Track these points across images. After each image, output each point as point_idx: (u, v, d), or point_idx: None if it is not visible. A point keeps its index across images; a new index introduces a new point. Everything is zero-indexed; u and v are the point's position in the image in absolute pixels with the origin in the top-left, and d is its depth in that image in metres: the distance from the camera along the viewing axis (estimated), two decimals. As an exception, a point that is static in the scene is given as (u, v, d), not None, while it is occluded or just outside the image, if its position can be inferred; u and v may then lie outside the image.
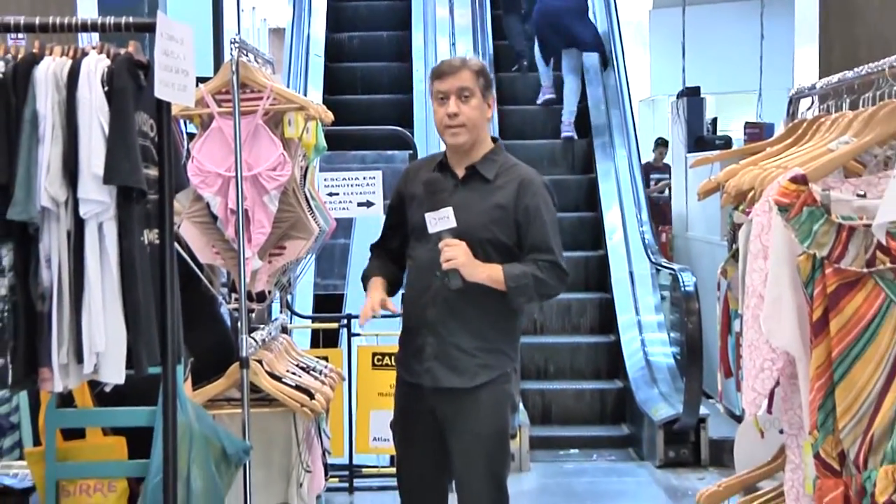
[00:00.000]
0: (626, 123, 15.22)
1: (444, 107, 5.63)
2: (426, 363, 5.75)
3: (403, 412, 6.07)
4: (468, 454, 5.80)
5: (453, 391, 5.72)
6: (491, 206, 5.74)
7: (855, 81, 4.49)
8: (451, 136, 5.70)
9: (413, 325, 5.89)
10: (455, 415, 5.77)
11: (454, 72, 5.63)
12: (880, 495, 3.84)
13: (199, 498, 5.88)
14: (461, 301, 5.65)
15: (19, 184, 5.17)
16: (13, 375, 5.25)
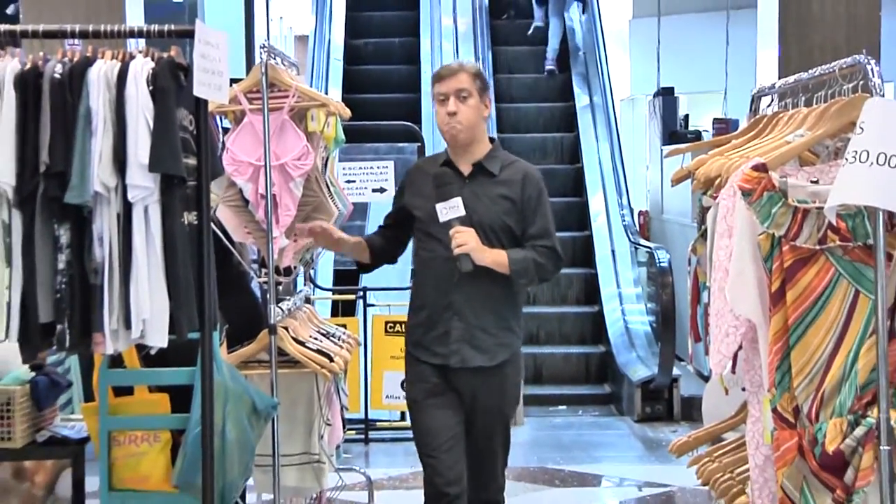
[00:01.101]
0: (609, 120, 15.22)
1: (445, 106, 5.56)
2: (453, 345, 5.60)
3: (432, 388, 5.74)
4: (491, 426, 5.76)
5: (480, 370, 5.61)
6: (499, 197, 5.65)
7: (809, 82, 4.49)
8: (450, 133, 5.63)
9: (436, 311, 5.68)
10: (480, 391, 5.67)
11: (452, 74, 5.57)
12: (829, 444, 3.84)
13: (232, 447, 5.89)
14: (482, 285, 5.54)
15: (75, 171, 5.19)
16: (70, 340, 5.28)
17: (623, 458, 9.83)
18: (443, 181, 5.52)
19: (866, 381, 3.89)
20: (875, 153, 3.67)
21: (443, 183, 5.51)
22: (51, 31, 5.64)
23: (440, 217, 5.43)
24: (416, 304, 5.84)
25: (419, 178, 5.83)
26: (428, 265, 5.74)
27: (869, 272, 3.88)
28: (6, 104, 5.27)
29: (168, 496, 6.12)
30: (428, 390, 5.68)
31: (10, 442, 5.99)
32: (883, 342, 3.86)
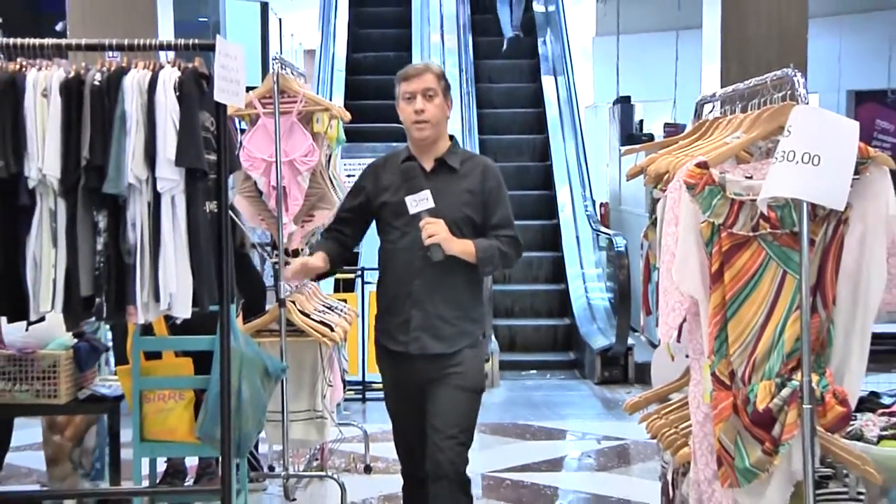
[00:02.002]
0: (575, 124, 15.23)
1: (411, 105, 5.15)
2: (413, 333, 5.14)
3: (395, 380, 5.40)
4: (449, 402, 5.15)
5: (438, 356, 5.14)
6: (462, 190, 5.20)
7: (745, 91, 4.50)
8: (417, 131, 5.19)
9: (398, 301, 5.22)
10: (440, 374, 5.16)
11: (419, 74, 5.16)
12: (760, 403, 3.86)
13: (247, 405, 5.91)
14: (442, 275, 5.07)
15: (112, 166, 5.22)
16: (107, 311, 5.32)
17: (585, 416, 9.85)
18: (411, 175, 5.16)
19: (792, 350, 3.91)
20: (801, 153, 3.69)
21: (411, 177, 5.14)
22: (92, 44, 5.67)
23: (410, 209, 5.05)
24: (380, 292, 5.44)
25: (382, 174, 5.37)
26: (391, 256, 5.28)
27: (795, 255, 3.90)
28: (53, 108, 5.30)
29: (191, 446, 6.18)
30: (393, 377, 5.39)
31: (55, 399, 6.01)
32: (806, 316, 3.88)
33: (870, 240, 3.92)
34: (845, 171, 3.74)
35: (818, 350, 3.96)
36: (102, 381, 6.50)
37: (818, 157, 3.69)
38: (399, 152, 5.42)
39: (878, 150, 4.01)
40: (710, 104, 5.07)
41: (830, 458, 4.19)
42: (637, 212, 13.02)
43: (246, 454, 6.35)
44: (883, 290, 3.93)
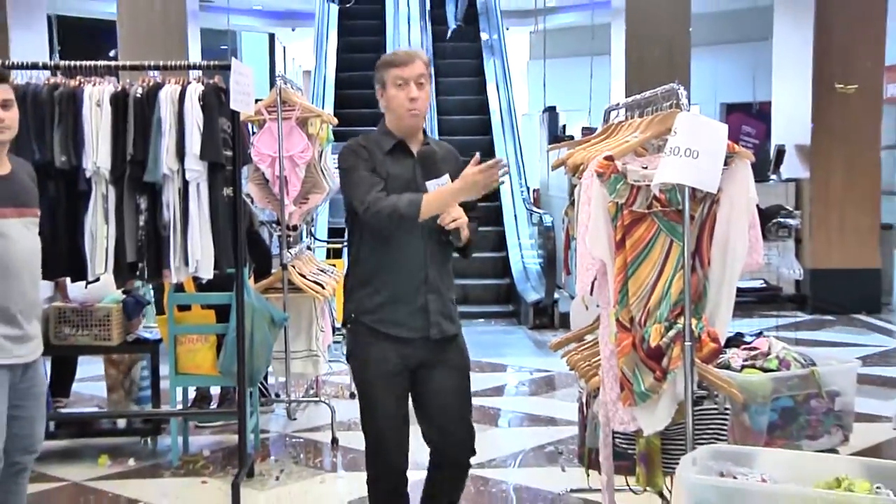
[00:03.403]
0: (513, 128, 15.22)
1: (404, 91, 3.97)
2: (434, 318, 4.01)
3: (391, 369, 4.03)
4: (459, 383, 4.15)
5: (450, 338, 4.12)
6: (449, 171, 4.02)
7: (642, 101, 4.51)
8: (411, 118, 4.01)
9: (409, 288, 4.00)
10: (444, 355, 4.09)
11: (411, 61, 3.99)
12: (652, 341, 3.87)
13: (258, 346, 5.94)
14: (445, 258, 4.11)
15: (150, 160, 5.32)
16: (148, 273, 5.49)
17: (520, 353, 9.87)
18: (431, 160, 4.03)
19: (677, 300, 3.93)
20: (684, 149, 3.70)
21: (432, 162, 4.02)
22: (135, 65, 5.81)
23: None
24: (377, 283, 4.02)
25: (376, 159, 4.04)
26: (397, 243, 3.98)
27: (679, 228, 3.91)
28: (104, 115, 5.39)
29: (214, 378, 6.27)
30: (386, 371, 4.01)
31: (109, 341, 6.08)
32: (687, 274, 3.90)
33: (735, 216, 3.94)
34: (717, 163, 3.76)
35: (696, 300, 3.99)
36: (146, 328, 6.54)
37: (697, 151, 3.71)
38: (374, 138, 4.14)
39: (743, 148, 4.06)
40: (616, 111, 5.08)
41: (705, 382, 4.22)
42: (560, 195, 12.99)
43: (257, 384, 6.39)
44: (745, 255, 3.96)
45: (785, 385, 5.64)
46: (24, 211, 3.86)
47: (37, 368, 3.94)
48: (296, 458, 6.34)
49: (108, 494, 5.63)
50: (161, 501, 5.52)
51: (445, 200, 3.85)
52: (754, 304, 11.58)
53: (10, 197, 3.80)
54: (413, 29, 15.86)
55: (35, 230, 3.95)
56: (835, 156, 11.32)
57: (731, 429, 4.58)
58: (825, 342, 9.67)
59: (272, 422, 7.15)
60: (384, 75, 4.02)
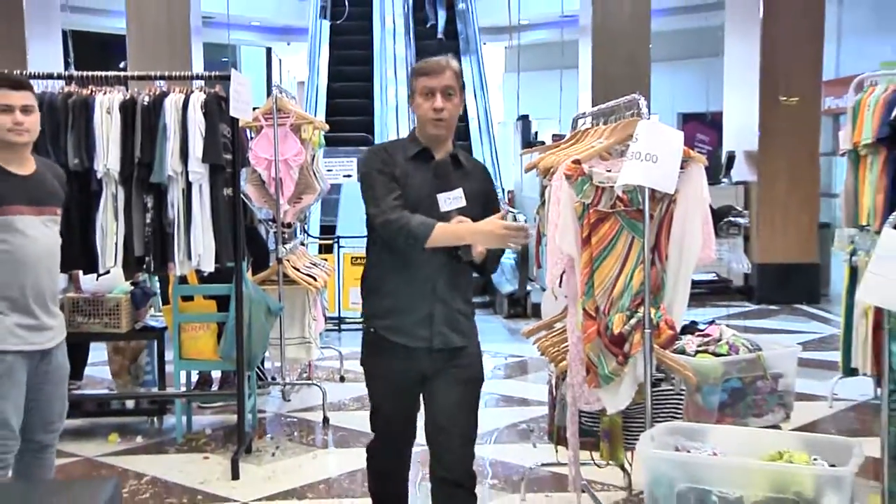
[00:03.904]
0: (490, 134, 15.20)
1: (430, 101, 3.57)
2: (437, 328, 3.58)
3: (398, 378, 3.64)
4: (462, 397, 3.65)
5: (458, 349, 3.64)
6: (472, 190, 3.62)
7: (606, 110, 4.51)
8: (434, 128, 3.58)
9: (417, 297, 3.58)
10: (452, 367, 3.62)
11: (441, 71, 3.58)
12: (615, 329, 3.88)
13: (255, 334, 5.92)
14: (459, 271, 3.61)
15: (156, 162, 5.31)
16: (154, 266, 5.46)
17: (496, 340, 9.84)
18: (445, 172, 3.60)
19: (637, 291, 3.94)
20: (644, 153, 3.70)
21: (446, 173, 3.59)
22: (142, 76, 5.74)
23: (442, 206, 3.50)
24: (386, 288, 3.66)
25: (395, 165, 3.62)
26: (409, 252, 3.53)
27: (640, 225, 3.92)
28: (114, 121, 5.38)
29: (215, 363, 6.21)
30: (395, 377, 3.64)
31: (118, 329, 6.05)
32: (647, 267, 3.91)
33: (690, 215, 3.95)
34: (674, 167, 3.77)
35: (655, 292, 4.00)
36: (152, 317, 6.52)
37: (656, 156, 3.71)
38: (401, 143, 3.76)
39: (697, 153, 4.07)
40: (583, 119, 5.08)
41: (663, 366, 4.23)
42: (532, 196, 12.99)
43: (255, 368, 6.36)
44: (699, 250, 3.97)
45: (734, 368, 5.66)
46: (43, 209, 3.83)
47: (56, 354, 3.92)
48: (290, 435, 6.32)
49: (118, 469, 5.61)
50: (166, 475, 5.49)
51: (458, 236, 3.45)
52: (707, 295, 11.62)
53: (30, 196, 3.78)
54: (398, 44, 15.83)
55: (55, 228, 3.93)
56: (779, 161, 11.36)
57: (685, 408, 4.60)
58: (770, 329, 9.71)
59: (268, 403, 7.12)
60: (414, 83, 3.63)
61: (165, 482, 5.38)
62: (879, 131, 6.37)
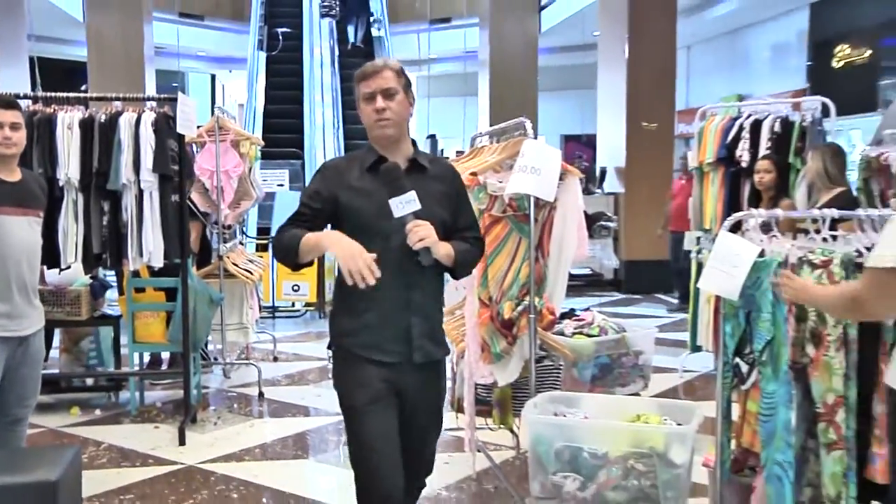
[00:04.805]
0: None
1: (371, 104, 2.88)
2: (417, 341, 2.86)
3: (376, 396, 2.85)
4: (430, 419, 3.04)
5: (434, 362, 2.96)
6: (437, 192, 2.93)
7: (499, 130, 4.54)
8: (379, 129, 2.87)
9: (393, 311, 2.84)
10: (426, 385, 2.94)
11: (377, 73, 2.89)
12: (506, 315, 3.90)
13: (200, 320, 5.83)
14: (432, 279, 2.92)
15: (112, 171, 5.23)
16: (110, 262, 5.38)
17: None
18: (394, 176, 2.81)
19: (524, 283, 3.97)
20: (529, 167, 3.73)
21: (394, 178, 2.80)
22: (100, 97, 5.62)
23: (395, 212, 2.77)
24: (358, 306, 2.86)
25: (348, 177, 2.91)
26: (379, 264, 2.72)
27: (526, 227, 3.95)
28: (75, 136, 5.28)
29: (164, 345, 6.12)
30: (372, 395, 2.86)
31: (79, 317, 5.89)
32: (532, 263, 3.94)
33: (568, 219, 4.00)
34: (554, 178, 3.80)
35: (539, 283, 4.03)
36: (109, 306, 6.38)
37: (539, 169, 3.74)
38: (360, 154, 3.03)
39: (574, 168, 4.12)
40: (480, 138, 5.09)
41: (545, 345, 4.27)
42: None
43: (199, 350, 6.25)
44: (575, 248, 4.02)
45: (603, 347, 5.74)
46: (27, 211, 3.78)
47: (34, 341, 3.84)
48: (230, 407, 6.24)
49: (80, 437, 5.48)
50: (122, 442, 5.38)
51: (319, 246, 2.78)
52: (583, 286, 11.77)
53: (16, 199, 3.72)
54: (325, 73, 15.69)
55: (37, 228, 3.87)
56: (642, 175, 11.58)
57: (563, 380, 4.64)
58: (634, 315, 9.88)
59: (211, 380, 7.02)
60: (357, 91, 2.94)
61: (121, 448, 5.27)
62: (718, 152, 6.57)
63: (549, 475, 3.14)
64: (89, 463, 4.96)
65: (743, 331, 3.30)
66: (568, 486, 3.11)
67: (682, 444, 3.07)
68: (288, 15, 17.53)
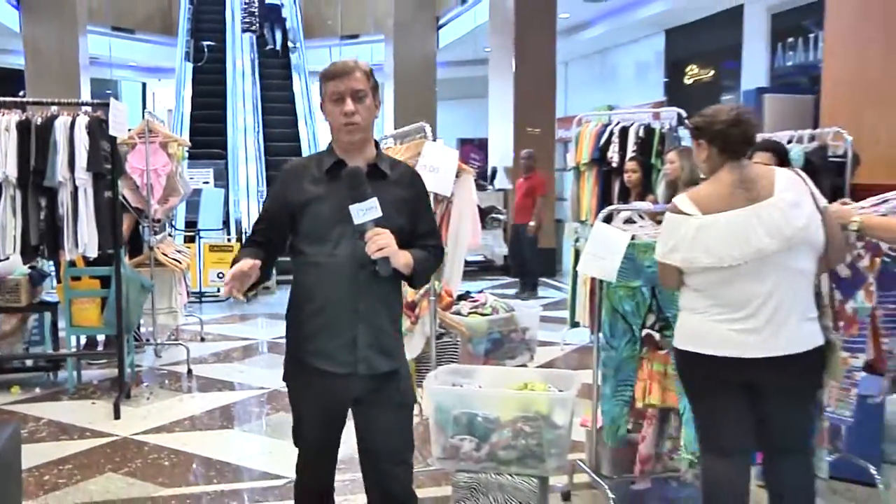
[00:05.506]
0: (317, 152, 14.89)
1: (340, 106, 2.44)
2: (362, 352, 2.44)
3: (322, 404, 2.52)
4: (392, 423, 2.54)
5: (386, 374, 2.50)
6: (397, 198, 2.47)
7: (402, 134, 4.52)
8: (347, 135, 2.45)
9: (339, 319, 2.44)
10: (381, 393, 2.51)
11: (348, 73, 2.45)
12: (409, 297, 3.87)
13: (132, 305, 5.67)
14: (384, 288, 2.46)
15: (49, 169, 5.05)
16: (48, 253, 5.25)
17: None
18: (357, 182, 2.37)
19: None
20: (429, 166, 3.73)
21: (358, 183, 2.37)
22: (36, 101, 5.41)
23: (355, 219, 2.34)
24: (307, 310, 2.49)
25: (304, 180, 2.50)
26: (323, 270, 2.44)
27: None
28: (12, 137, 5.07)
29: (100, 329, 5.92)
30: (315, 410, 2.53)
31: (19, 303, 5.70)
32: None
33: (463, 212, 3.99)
34: (451, 176, 3.81)
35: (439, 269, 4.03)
36: (48, 293, 6.13)
37: (437, 168, 3.74)
38: (317, 157, 2.59)
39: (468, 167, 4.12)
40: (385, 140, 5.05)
41: (444, 324, 4.28)
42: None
43: (132, 332, 6.07)
44: (470, 238, 4.02)
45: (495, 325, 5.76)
46: None
47: None
48: (161, 384, 6.06)
49: (20, 414, 5.25)
50: (60, 417, 5.17)
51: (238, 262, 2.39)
52: (477, 271, 11.84)
53: None
54: (246, 82, 15.34)
55: None
56: (528, 174, 11.73)
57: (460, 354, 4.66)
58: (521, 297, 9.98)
59: (143, 359, 6.81)
60: (323, 89, 2.51)
61: (60, 423, 5.07)
62: (592, 154, 6.69)
63: (449, 438, 3.14)
64: (30, 437, 4.77)
65: (648, 305, 3.39)
66: (465, 447, 3.12)
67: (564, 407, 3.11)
68: (212, 30, 17.16)
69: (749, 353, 2.62)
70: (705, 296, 2.70)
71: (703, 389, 2.77)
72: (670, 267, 2.75)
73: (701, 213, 2.65)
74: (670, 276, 2.80)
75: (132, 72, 19.93)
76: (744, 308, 2.64)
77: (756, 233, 2.58)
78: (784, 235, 2.59)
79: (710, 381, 2.72)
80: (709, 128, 2.74)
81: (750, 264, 2.60)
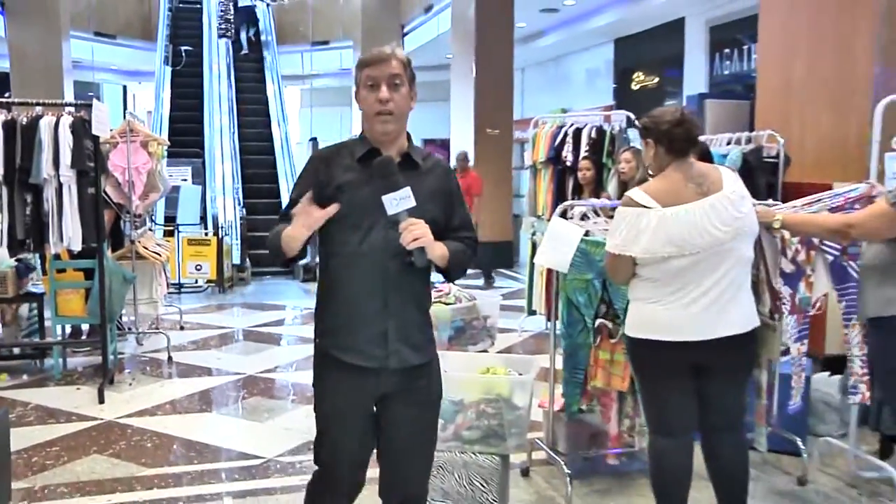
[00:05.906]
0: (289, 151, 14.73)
1: (375, 93, 2.17)
2: (392, 346, 2.17)
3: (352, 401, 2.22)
4: (421, 420, 2.27)
5: (416, 368, 2.22)
6: (429, 189, 2.20)
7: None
8: (381, 124, 2.18)
9: (368, 312, 2.17)
10: (408, 388, 2.22)
11: (385, 59, 2.19)
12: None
13: (115, 296, 5.59)
14: (414, 280, 2.20)
15: (34, 167, 4.95)
16: (33, 246, 5.13)
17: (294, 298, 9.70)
18: (388, 171, 2.11)
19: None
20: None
21: (389, 172, 2.11)
22: (22, 102, 5.29)
23: (388, 209, 2.08)
24: (335, 303, 2.23)
25: (335, 168, 2.21)
26: (352, 261, 2.18)
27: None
28: None
29: (84, 318, 5.84)
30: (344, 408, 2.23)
31: (6, 295, 5.59)
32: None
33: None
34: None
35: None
36: (34, 285, 5.99)
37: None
38: (349, 144, 2.30)
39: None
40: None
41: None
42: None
43: (115, 321, 5.96)
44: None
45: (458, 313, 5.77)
46: None
47: None
48: (143, 370, 5.97)
49: (8, 399, 5.14)
50: (47, 402, 5.08)
51: (298, 238, 2.14)
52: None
53: None
54: (222, 85, 15.14)
55: None
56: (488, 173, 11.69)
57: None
58: (483, 286, 10.02)
59: (126, 346, 6.70)
60: (358, 76, 2.24)
61: (46, 407, 4.98)
62: (548, 153, 6.71)
63: (416, 418, 3.13)
64: (18, 421, 4.67)
65: (600, 297, 3.41)
66: (431, 426, 3.11)
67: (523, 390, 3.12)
68: (190, 35, 16.95)
69: (701, 336, 2.64)
70: (660, 284, 2.70)
71: (653, 374, 2.78)
72: (624, 258, 2.72)
73: (661, 206, 2.65)
74: (623, 269, 2.76)
75: (114, 75, 19.62)
76: (697, 293, 2.66)
77: (713, 223, 2.62)
78: (735, 225, 2.63)
79: (661, 366, 2.74)
80: (656, 128, 2.76)
81: (705, 252, 2.63)
